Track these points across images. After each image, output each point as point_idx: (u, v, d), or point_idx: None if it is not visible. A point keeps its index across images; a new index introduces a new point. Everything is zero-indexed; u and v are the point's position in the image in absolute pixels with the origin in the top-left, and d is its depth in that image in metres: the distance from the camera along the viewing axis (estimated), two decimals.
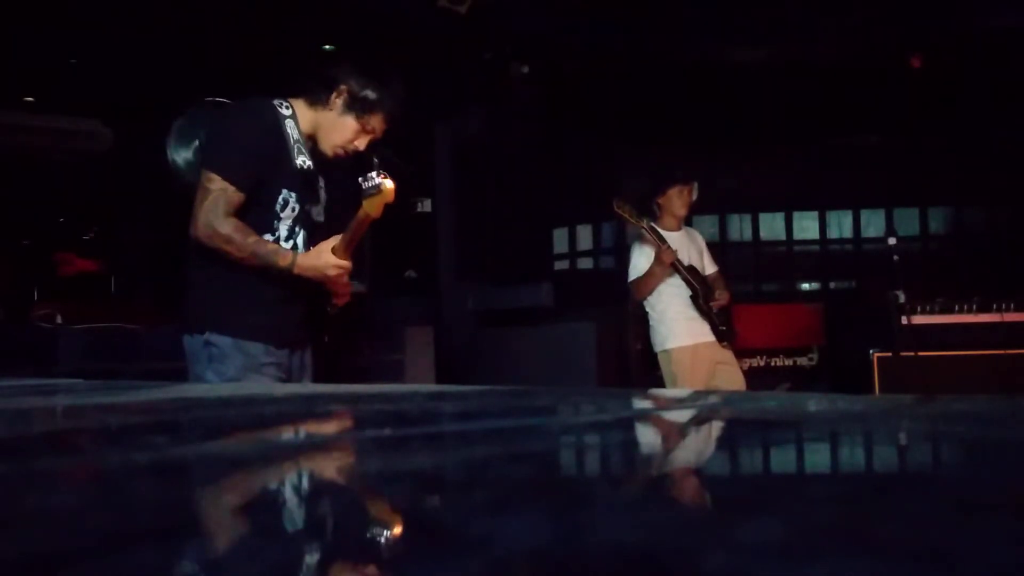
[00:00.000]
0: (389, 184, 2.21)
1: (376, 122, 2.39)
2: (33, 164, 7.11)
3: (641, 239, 4.11)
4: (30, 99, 6.65)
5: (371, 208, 2.23)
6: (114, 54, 5.98)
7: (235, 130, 2.32)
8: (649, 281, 4.07)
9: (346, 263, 2.33)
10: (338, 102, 2.37)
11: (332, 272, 2.32)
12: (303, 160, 2.37)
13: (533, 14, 5.89)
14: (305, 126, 2.40)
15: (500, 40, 6.32)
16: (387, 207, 2.25)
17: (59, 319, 3.91)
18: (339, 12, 5.68)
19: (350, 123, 2.38)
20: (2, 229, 7.47)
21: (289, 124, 2.37)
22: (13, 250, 7.70)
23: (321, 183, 2.48)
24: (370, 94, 2.36)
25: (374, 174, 2.22)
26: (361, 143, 2.41)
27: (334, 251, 2.31)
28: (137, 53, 5.91)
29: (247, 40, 5.99)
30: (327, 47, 6.06)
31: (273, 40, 5.94)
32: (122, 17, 5.42)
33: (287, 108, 2.38)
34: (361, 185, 2.23)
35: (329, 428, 0.98)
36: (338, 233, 2.34)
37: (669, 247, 4.00)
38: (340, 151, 2.42)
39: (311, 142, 2.43)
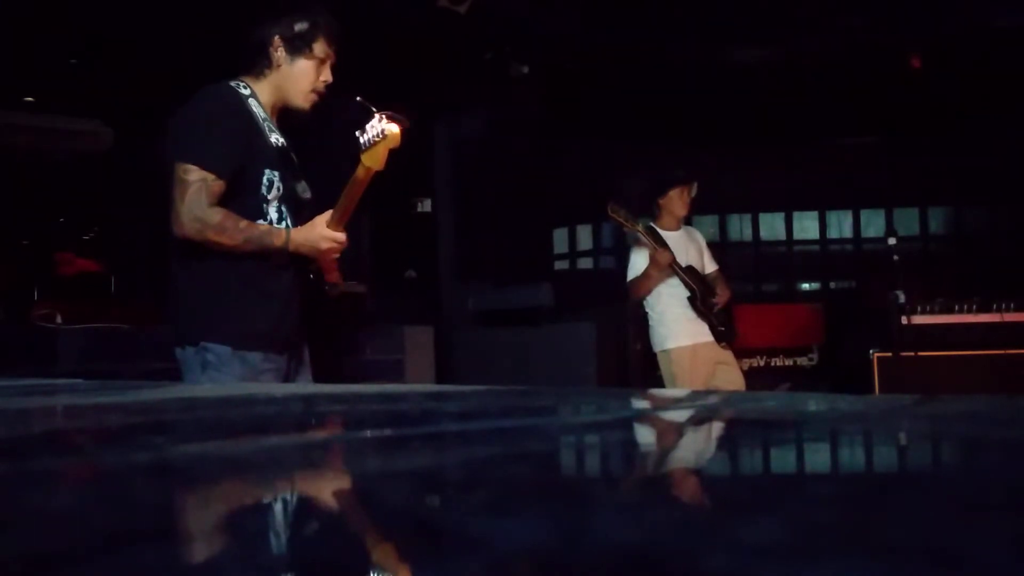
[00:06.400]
0: (394, 128, 2.05)
1: (322, 48, 2.34)
2: (33, 164, 7.10)
3: (638, 241, 4.12)
4: (30, 99, 6.65)
5: (372, 160, 2.08)
6: (114, 54, 5.97)
7: (204, 116, 2.22)
8: (646, 282, 4.09)
9: (340, 235, 2.23)
10: (280, 55, 2.32)
11: (324, 245, 2.23)
12: (276, 137, 2.31)
13: (533, 14, 5.89)
14: (265, 99, 2.33)
15: (500, 40, 6.31)
16: (392, 154, 2.08)
17: (59, 319, 3.90)
18: (338, 12, 5.67)
19: (303, 64, 2.33)
20: (2, 229, 7.46)
21: (252, 103, 2.29)
22: (13, 250, 7.69)
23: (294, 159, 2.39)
24: (301, 27, 2.31)
25: (375, 120, 2.06)
26: (326, 74, 2.36)
27: (327, 224, 2.22)
28: (137, 53, 5.90)
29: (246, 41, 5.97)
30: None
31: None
32: (122, 17, 5.42)
33: (245, 88, 2.31)
34: (359, 139, 2.09)
35: (329, 428, 0.98)
36: (328, 209, 2.24)
37: (665, 250, 4.00)
38: (313, 96, 2.36)
39: (275, 117, 2.36)
